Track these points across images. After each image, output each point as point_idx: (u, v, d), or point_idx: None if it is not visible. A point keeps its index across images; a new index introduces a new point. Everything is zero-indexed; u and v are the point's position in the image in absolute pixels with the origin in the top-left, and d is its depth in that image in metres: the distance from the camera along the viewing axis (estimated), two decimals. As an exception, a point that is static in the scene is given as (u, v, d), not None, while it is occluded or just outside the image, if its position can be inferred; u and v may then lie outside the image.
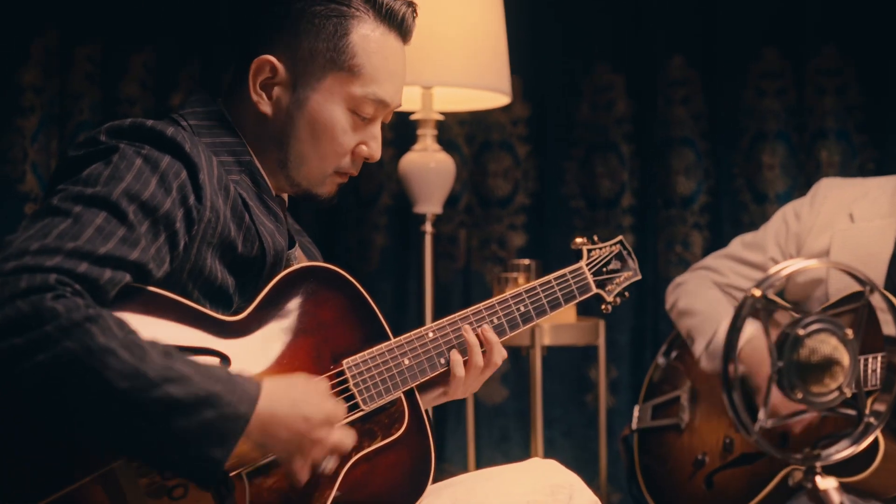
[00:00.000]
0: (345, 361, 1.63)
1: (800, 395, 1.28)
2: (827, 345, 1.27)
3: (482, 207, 3.78)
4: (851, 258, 2.42)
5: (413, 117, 2.92)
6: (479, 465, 3.62)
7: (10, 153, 3.21)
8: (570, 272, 1.90)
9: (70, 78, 3.32)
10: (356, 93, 1.64)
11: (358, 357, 1.64)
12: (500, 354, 1.77)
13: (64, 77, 3.32)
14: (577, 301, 1.90)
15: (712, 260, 2.67)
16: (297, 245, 1.75)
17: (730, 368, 1.26)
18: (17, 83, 3.22)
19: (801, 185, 3.56)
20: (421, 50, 2.70)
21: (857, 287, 2.37)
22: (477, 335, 1.75)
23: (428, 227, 2.89)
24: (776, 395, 1.29)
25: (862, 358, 2.18)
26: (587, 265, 1.93)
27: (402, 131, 3.65)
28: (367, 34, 1.65)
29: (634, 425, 2.67)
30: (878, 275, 2.39)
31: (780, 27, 3.55)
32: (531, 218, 3.78)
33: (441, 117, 2.91)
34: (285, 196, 1.75)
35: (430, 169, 2.84)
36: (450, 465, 3.68)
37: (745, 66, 3.58)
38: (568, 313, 2.87)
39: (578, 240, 1.95)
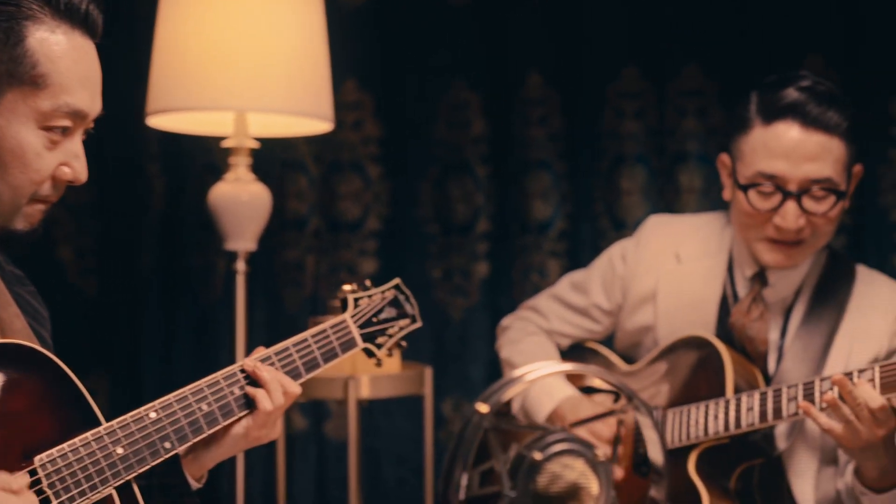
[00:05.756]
0: (37, 458, 1.38)
1: (535, 535, 1.07)
2: (572, 470, 1.06)
3: (331, 232, 3.56)
4: (678, 302, 2.26)
5: (224, 144, 2.65)
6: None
7: None
8: (332, 327, 1.71)
9: None
10: (45, 107, 1.39)
11: (55, 451, 1.39)
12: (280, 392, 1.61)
13: None
14: (339, 359, 1.71)
15: (540, 300, 2.48)
16: None
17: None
18: None
19: (660, 211, 3.40)
20: (233, 71, 2.47)
21: (684, 335, 2.22)
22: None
23: (241, 266, 2.62)
24: None
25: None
26: (352, 317, 1.74)
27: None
28: (46, 37, 1.38)
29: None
30: (708, 319, 2.22)
31: (641, 46, 3.39)
32: (383, 243, 3.57)
33: (257, 145, 2.65)
34: None
35: (242, 202, 2.57)
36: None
37: (605, 86, 3.41)
38: (392, 361, 2.63)
39: (346, 287, 1.78)
